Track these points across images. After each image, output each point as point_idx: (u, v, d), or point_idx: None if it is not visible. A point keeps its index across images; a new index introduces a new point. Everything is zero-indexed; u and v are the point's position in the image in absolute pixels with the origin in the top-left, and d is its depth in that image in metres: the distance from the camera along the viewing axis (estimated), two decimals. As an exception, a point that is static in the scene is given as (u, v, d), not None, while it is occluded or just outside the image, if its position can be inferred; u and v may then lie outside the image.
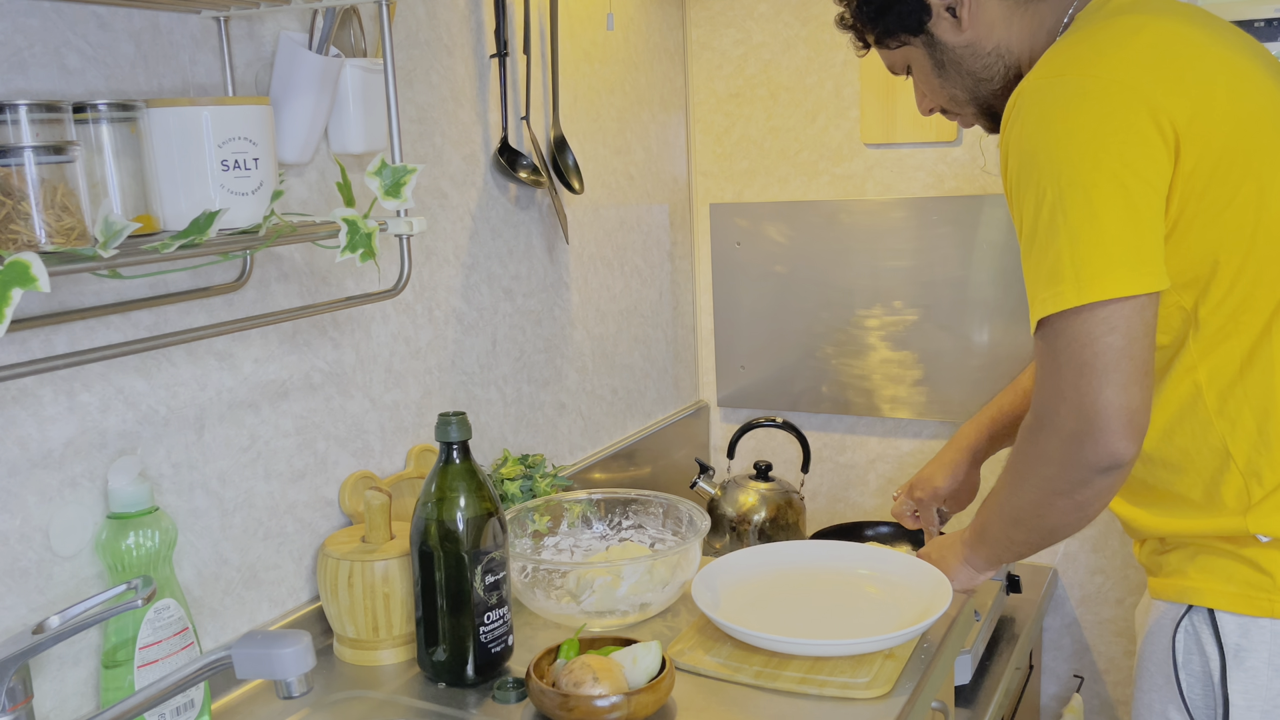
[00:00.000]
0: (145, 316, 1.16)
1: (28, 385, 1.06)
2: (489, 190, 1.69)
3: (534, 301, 1.82)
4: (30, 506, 1.06)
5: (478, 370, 1.69)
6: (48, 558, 1.08)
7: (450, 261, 1.62)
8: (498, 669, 1.27)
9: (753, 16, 2.21)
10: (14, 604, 1.05)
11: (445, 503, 1.23)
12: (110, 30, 1.11)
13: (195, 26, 1.19)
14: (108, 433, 1.13)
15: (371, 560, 1.29)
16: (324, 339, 1.39)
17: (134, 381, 1.16)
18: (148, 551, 1.09)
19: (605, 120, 2.01)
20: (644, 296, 2.17)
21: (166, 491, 1.20)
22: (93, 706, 1.12)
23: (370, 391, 1.47)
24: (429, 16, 1.55)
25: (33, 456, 1.07)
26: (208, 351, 1.24)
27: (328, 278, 1.39)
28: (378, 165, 1.14)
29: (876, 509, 2.27)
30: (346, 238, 1.12)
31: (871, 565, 1.47)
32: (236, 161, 1.05)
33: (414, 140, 1.54)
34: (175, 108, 1.03)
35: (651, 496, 1.58)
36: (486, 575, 1.24)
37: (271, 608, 1.33)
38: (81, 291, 1.10)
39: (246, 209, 1.07)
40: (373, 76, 1.33)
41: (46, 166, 0.89)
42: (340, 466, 1.43)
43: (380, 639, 1.31)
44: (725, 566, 1.46)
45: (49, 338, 1.07)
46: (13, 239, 0.88)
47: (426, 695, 1.24)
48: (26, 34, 1.04)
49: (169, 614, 1.11)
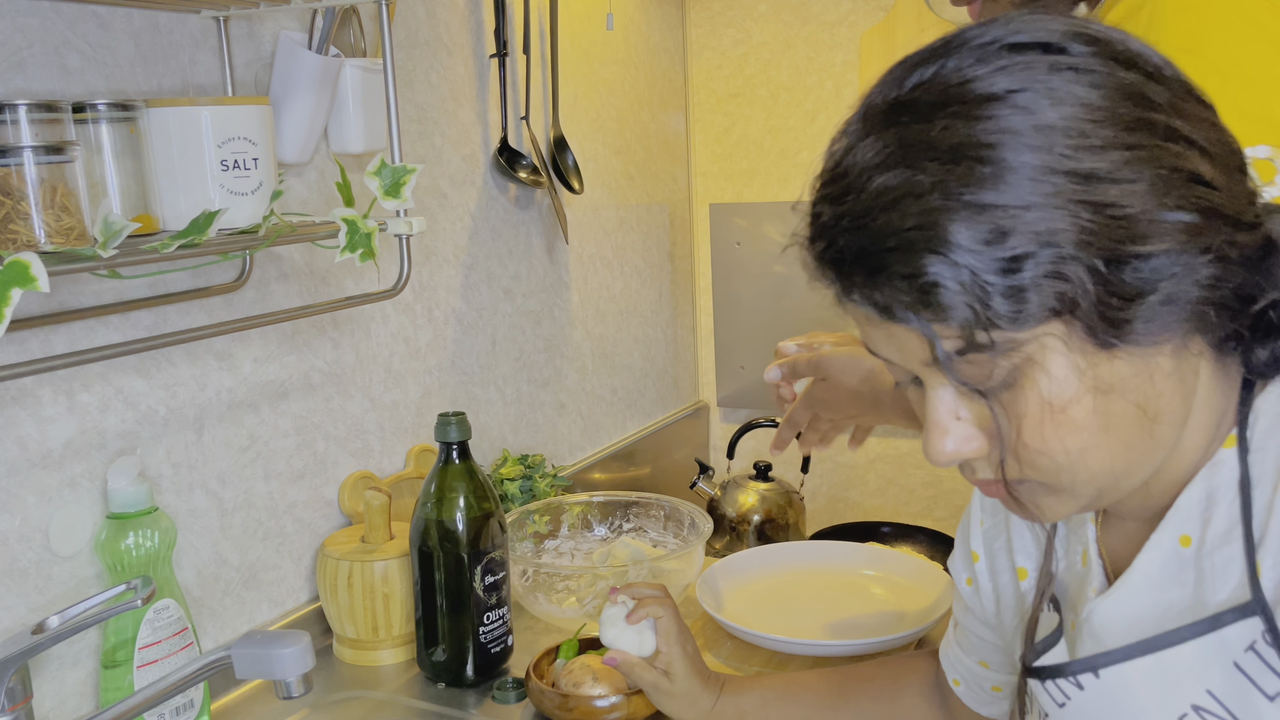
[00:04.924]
0: (145, 316, 1.16)
1: (27, 385, 1.06)
2: (489, 190, 1.69)
3: (534, 301, 1.82)
4: (29, 506, 1.06)
5: (477, 370, 1.69)
6: (47, 558, 1.08)
7: (450, 261, 1.62)
8: (497, 669, 1.27)
9: (753, 16, 2.21)
10: (13, 604, 1.05)
11: (445, 503, 1.23)
12: (110, 30, 1.11)
13: (195, 26, 1.19)
14: (107, 433, 1.13)
15: (371, 560, 1.28)
16: (323, 339, 1.39)
17: (133, 381, 1.16)
18: (147, 552, 1.09)
19: (605, 120, 2.01)
20: (644, 296, 2.17)
21: (166, 492, 1.20)
22: (92, 707, 1.12)
23: (370, 391, 1.47)
24: (429, 16, 1.55)
25: (32, 456, 1.06)
26: (207, 351, 1.24)
27: (327, 278, 1.39)
28: (377, 165, 1.14)
29: (877, 509, 2.27)
30: (346, 238, 1.11)
31: (873, 566, 1.47)
32: (236, 161, 1.05)
33: (413, 140, 1.53)
34: (175, 108, 1.03)
35: (653, 499, 1.58)
36: (486, 575, 1.24)
37: (271, 608, 1.33)
38: (81, 291, 1.09)
39: (246, 209, 1.07)
40: (372, 76, 1.33)
41: (46, 166, 0.88)
42: (340, 467, 1.43)
43: (380, 639, 1.31)
44: (727, 567, 1.46)
45: (48, 338, 1.07)
46: (12, 239, 0.87)
47: (426, 695, 1.24)
48: (26, 34, 1.04)
49: (168, 614, 1.11)
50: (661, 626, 1.07)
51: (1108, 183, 0.56)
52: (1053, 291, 0.57)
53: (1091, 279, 0.56)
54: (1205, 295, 0.59)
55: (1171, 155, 0.57)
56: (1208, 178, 0.58)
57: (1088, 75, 0.58)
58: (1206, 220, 0.58)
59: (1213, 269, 0.59)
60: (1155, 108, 0.58)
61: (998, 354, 0.59)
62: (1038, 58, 0.59)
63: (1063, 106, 0.57)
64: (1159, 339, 0.60)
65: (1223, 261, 0.59)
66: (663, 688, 1.05)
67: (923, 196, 0.58)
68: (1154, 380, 0.61)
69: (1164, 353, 0.61)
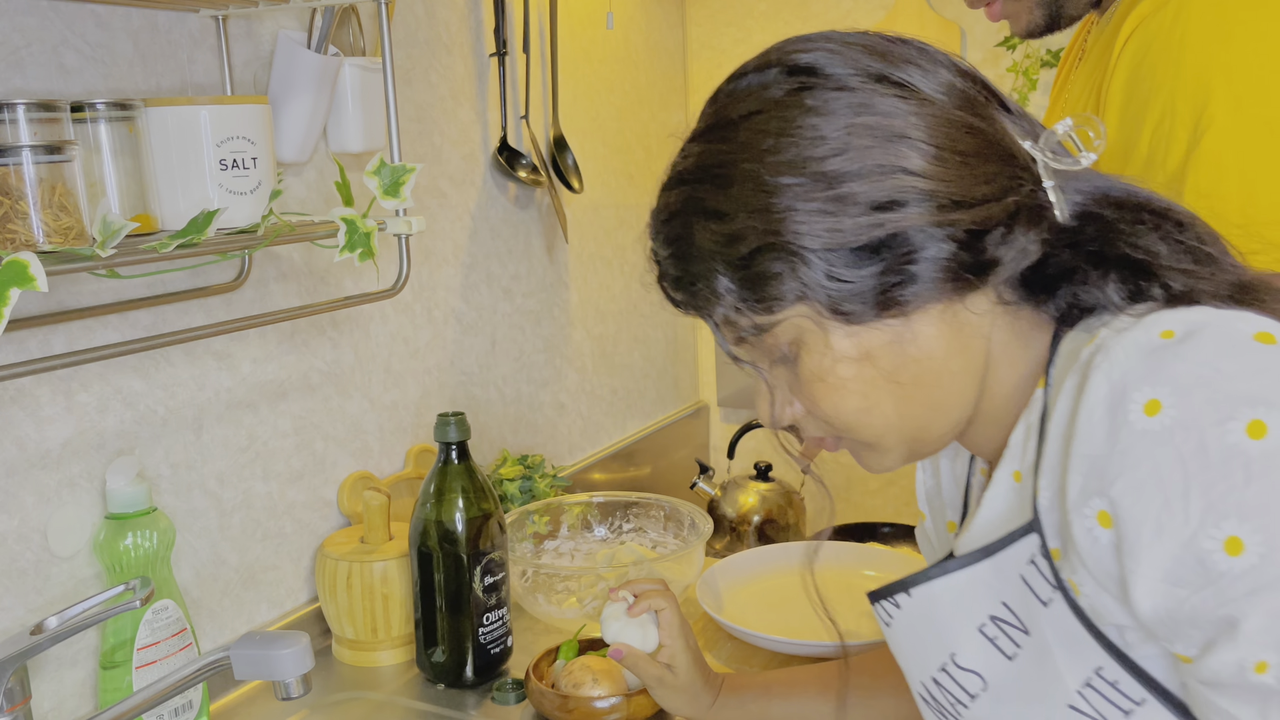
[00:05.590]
0: (143, 316, 1.16)
1: (25, 385, 1.05)
2: (488, 189, 1.69)
3: (533, 301, 1.82)
4: (28, 507, 1.06)
5: (477, 370, 1.69)
6: (46, 558, 1.08)
7: (449, 261, 1.62)
8: (496, 670, 1.27)
9: (753, 16, 2.21)
10: (12, 605, 1.05)
11: (444, 503, 1.22)
12: (108, 29, 1.10)
13: (193, 25, 1.19)
14: (106, 433, 1.13)
15: (370, 561, 1.28)
16: (322, 339, 1.39)
17: (132, 381, 1.15)
18: (146, 552, 1.09)
19: (605, 120, 2.01)
20: (644, 296, 2.17)
21: (164, 492, 1.20)
22: (91, 707, 1.12)
23: (369, 392, 1.47)
24: (428, 15, 1.55)
25: (30, 457, 1.06)
26: (206, 351, 1.23)
27: (326, 277, 1.39)
28: (376, 164, 1.14)
29: (877, 509, 2.27)
30: (345, 237, 1.11)
31: (873, 566, 1.47)
32: (235, 161, 1.05)
33: (413, 139, 1.53)
34: (173, 107, 1.03)
35: (653, 499, 1.57)
36: (485, 576, 1.23)
37: (270, 608, 1.33)
38: (79, 291, 1.09)
39: (245, 208, 1.07)
40: (371, 75, 1.32)
41: (44, 166, 0.88)
42: (339, 467, 1.43)
43: (379, 640, 1.30)
44: (727, 567, 1.46)
45: (47, 337, 1.06)
46: (10, 238, 0.87)
47: (425, 696, 1.24)
48: (24, 33, 1.03)
49: (167, 615, 1.10)
50: (664, 619, 1.07)
51: (823, 183, 0.66)
52: (785, 281, 0.67)
53: (817, 267, 0.66)
54: (946, 267, 0.67)
55: (882, 153, 0.65)
56: (917, 170, 0.65)
57: (814, 93, 0.68)
58: (919, 207, 0.65)
59: (945, 246, 0.66)
60: (869, 111, 0.66)
61: (761, 335, 0.70)
62: (777, 78, 0.70)
63: (788, 120, 0.67)
64: (910, 310, 0.68)
65: (953, 239, 0.66)
66: (667, 681, 1.06)
67: (679, 213, 0.72)
68: (920, 344, 0.69)
69: (928, 319, 0.69)
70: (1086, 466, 0.63)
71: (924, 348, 0.69)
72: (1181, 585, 0.60)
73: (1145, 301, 0.68)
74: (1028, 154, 0.70)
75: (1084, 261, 0.70)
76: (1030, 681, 0.72)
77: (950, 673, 0.77)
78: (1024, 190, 0.68)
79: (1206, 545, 0.58)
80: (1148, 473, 0.60)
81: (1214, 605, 0.59)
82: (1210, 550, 0.58)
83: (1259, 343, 0.61)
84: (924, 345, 0.69)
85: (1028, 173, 0.69)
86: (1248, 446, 0.58)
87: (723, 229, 0.68)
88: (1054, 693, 0.71)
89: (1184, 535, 0.59)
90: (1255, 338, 0.61)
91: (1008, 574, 0.73)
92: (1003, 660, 0.74)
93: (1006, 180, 0.68)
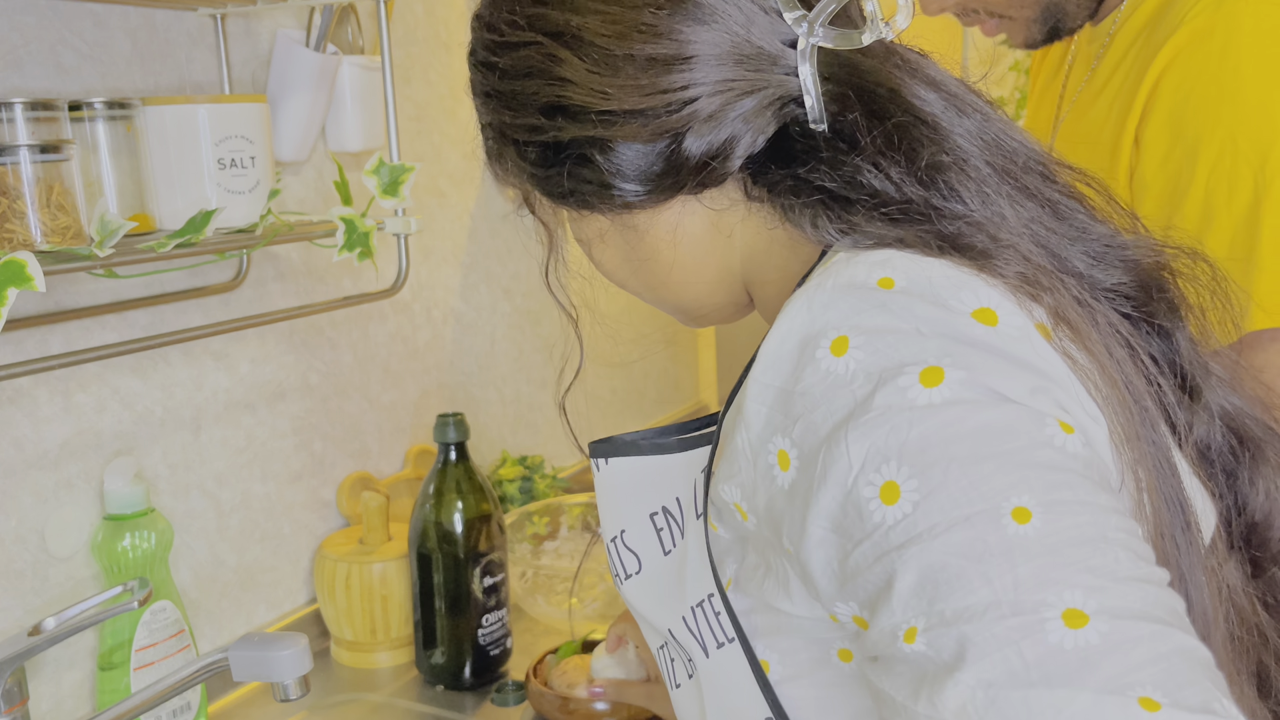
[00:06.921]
0: (141, 316, 1.16)
1: (23, 385, 1.05)
2: (488, 189, 1.69)
3: (533, 301, 1.82)
4: (26, 508, 1.06)
5: (476, 370, 1.68)
6: (43, 559, 1.07)
7: (448, 260, 1.61)
8: (496, 672, 1.27)
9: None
10: (9, 606, 1.05)
11: (443, 504, 1.22)
12: (106, 28, 1.10)
13: (192, 24, 1.19)
14: (103, 433, 1.12)
15: (369, 562, 1.28)
16: (321, 339, 1.39)
17: (130, 382, 1.15)
18: (144, 553, 1.09)
19: (604, 119, 2.00)
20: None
21: (163, 493, 1.19)
22: (89, 709, 1.11)
23: (368, 392, 1.47)
24: (427, 14, 1.54)
25: (28, 457, 1.06)
26: (204, 351, 1.23)
27: (325, 277, 1.38)
28: (375, 164, 1.14)
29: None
30: (344, 237, 1.11)
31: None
32: (233, 160, 1.05)
33: (412, 138, 1.53)
34: (171, 106, 1.03)
35: (651, 497, 1.57)
36: (485, 577, 1.23)
37: (268, 610, 1.33)
38: (77, 291, 1.09)
39: (243, 208, 1.06)
40: (370, 74, 1.32)
41: (42, 165, 0.88)
42: (338, 468, 1.42)
43: (378, 641, 1.30)
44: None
45: (44, 338, 1.06)
46: (8, 238, 0.87)
47: (424, 698, 1.24)
48: (22, 31, 1.03)
49: (165, 616, 1.10)
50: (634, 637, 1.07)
51: (495, 74, 0.70)
52: (502, 163, 0.74)
53: (515, 156, 0.71)
54: (633, 174, 0.67)
55: (542, 59, 0.67)
56: (572, 78, 0.65)
57: None
58: (579, 119, 0.66)
59: (625, 153, 0.66)
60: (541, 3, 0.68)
61: (522, 206, 0.79)
62: None
63: (493, 15, 0.70)
64: (619, 204, 0.69)
65: (634, 147, 0.66)
66: (655, 695, 1.06)
67: None
68: (642, 233, 0.71)
69: (647, 212, 0.70)
70: (772, 398, 0.59)
71: (647, 237, 0.72)
72: (845, 535, 0.55)
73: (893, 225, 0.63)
74: (776, 44, 0.65)
75: (826, 179, 0.65)
76: (670, 582, 0.74)
77: (618, 545, 0.79)
78: (738, 89, 0.65)
79: (865, 492, 0.54)
80: (823, 416, 0.57)
81: (872, 559, 0.54)
82: (869, 497, 0.54)
83: (958, 304, 0.58)
84: (647, 235, 0.72)
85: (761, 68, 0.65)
86: (917, 394, 0.55)
87: (478, 107, 0.75)
88: (678, 600, 0.72)
89: (847, 481, 0.55)
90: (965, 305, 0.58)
91: (690, 474, 0.73)
92: (660, 553, 0.76)
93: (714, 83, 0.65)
